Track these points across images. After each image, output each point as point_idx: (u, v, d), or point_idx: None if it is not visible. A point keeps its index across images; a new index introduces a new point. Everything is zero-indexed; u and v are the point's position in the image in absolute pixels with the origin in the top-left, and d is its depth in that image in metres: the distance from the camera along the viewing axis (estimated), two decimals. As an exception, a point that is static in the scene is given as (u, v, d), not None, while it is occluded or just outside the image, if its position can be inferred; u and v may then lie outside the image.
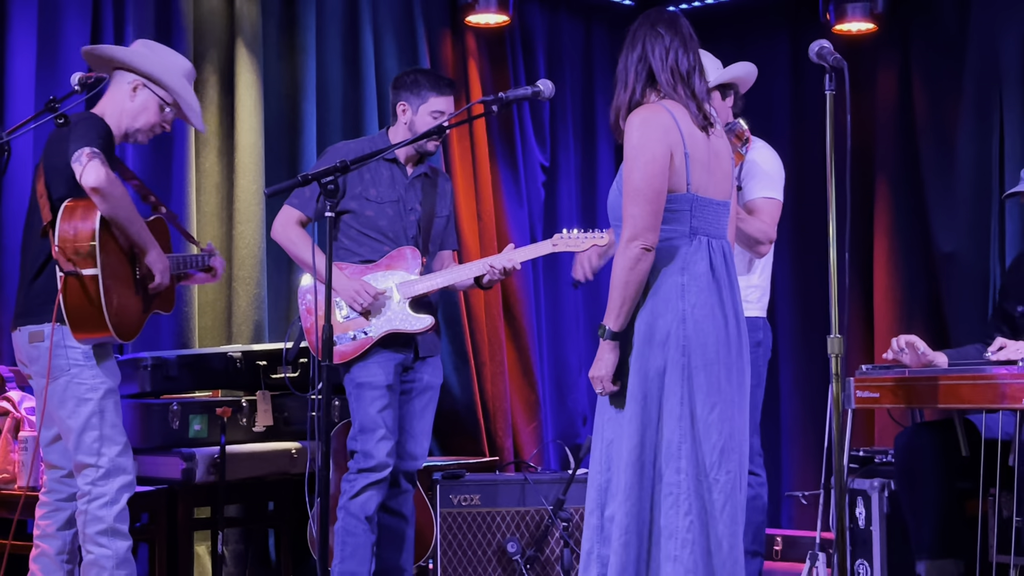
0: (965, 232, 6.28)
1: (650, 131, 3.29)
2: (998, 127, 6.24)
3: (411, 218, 4.43)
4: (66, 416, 3.89)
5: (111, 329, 3.81)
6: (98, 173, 3.73)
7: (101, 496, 3.89)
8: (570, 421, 6.91)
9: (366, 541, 4.28)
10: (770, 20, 6.95)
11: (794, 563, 5.87)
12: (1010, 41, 6.20)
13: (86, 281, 3.78)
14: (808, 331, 6.74)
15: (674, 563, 3.22)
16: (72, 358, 3.87)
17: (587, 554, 3.38)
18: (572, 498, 5.09)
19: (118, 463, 3.91)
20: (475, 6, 6.28)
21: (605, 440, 3.38)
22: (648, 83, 3.39)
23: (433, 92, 4.38)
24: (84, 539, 3.91)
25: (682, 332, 3.28)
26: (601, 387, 3.32)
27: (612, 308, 3.29)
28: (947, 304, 6.33)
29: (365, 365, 4.32)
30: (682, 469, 3.24)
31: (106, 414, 3.90)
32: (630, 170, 3.30)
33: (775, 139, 6.77)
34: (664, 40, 3.38)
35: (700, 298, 3.31)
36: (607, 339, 3.30)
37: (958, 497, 4.16)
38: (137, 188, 4.29)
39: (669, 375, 3.27)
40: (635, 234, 3.26)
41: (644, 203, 3.26)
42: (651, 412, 3.27)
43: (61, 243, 3.78)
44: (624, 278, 3.27)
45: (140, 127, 4.04)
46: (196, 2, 5.59)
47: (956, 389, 3.79)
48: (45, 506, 4.04)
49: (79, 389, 3.87)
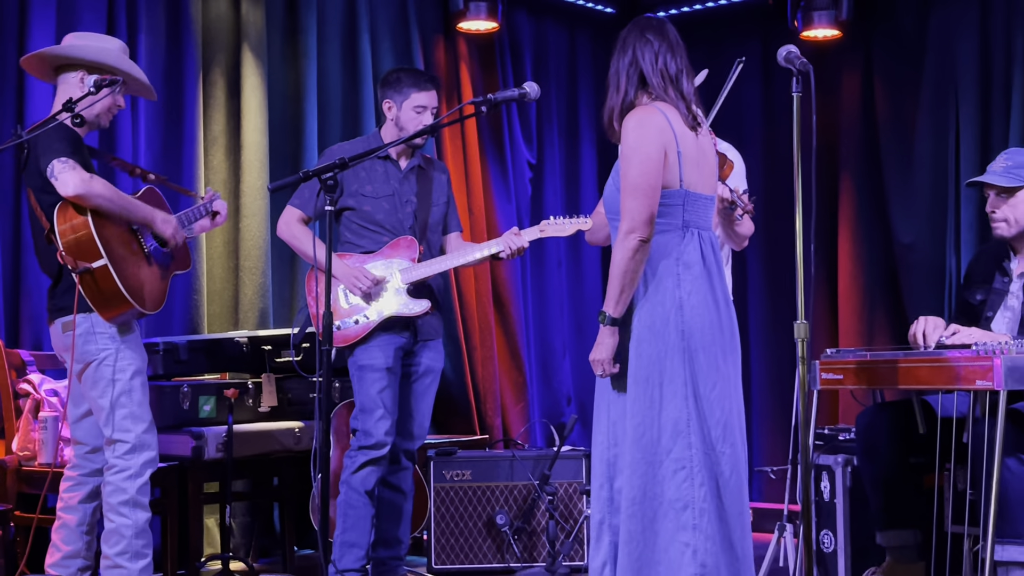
0: (923, 224, 6.29)
1: (645, 131, 3.32)
2: (954, 126, 6.24)
3: (407, 210, 4.42)
4: (97, 396, 3.92)
5: (135, 304, 3.84)
6: (73, 180, 3.75)
7: (126, 469, 3.91)
8: (555, 401, 6.91)
9: (366, 513, 4.28)
10: (742, 27, 6.94)
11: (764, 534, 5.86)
12: (965, 47, 6.20)
13: (98, 273, 3.78)
14: (777, 317, 6.75)
15: (693, 531, 3.26)
16: (102, 343, 3.91)
17: (599, 524, 3.41)
18: (557, 473, 5.09)
19: (144, 439, 3.94)
20: (466, 13, 6.27)
21: (610, 419, 3.40)
22: (640, 86, 3.42)
23: (414, 88, 4.37)
24: (107, 508, 3.92)
25: (680, 318, 3.31)
26: (602, 369, 3.35)
27: (611, 296, 3.31)
28: (906, 291, 6.34)
29: (367, 348, 4.31)
30: (692, 444, 3.28)
31: (134, 393, 3.94)
32: (627, 167, 3.33)
33: (747, 137, 6.83)
34: (653, 45, 3.41)
35: (694, 286, 3.34)
36: (607, 324, 3.33)
37: (916, 472, 4.17)
38: (120, 165, 4.30)
39: (670, 359, 3.30)
40: (633, 227, 3.28)
41: (641, 198, 3.29)
42: (653, 394, 3.30)
43: (64, 246, 3.79)
44: (623, 268, 3.29)
45: (99, 112, 4.03)
46: (204, 9, 5.57)
47: (914, 371, 3.79)
48: (70, 480, 4.07)
49: (109, 371, 3.91)
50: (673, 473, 3.28)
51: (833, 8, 6.25)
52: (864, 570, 4.28)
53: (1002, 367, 3.55)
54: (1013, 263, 4.17)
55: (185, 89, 5.43)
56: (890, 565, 4.14)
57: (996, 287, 4.18)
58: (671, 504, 3.28)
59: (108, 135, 5.12)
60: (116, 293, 3.82)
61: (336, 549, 4.28)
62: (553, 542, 4.95)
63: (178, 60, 5.44)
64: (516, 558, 5.07)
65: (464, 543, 5.08)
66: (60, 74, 4.02)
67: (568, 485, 5.12)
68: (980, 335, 3.93)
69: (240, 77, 5.64)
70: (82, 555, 4.03)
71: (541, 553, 5.06)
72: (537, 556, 5.07)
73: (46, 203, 3.86)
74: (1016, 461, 3.79)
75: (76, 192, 3.76)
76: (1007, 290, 4.16)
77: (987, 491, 3.66)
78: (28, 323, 4.91)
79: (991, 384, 3.57)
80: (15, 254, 4.92)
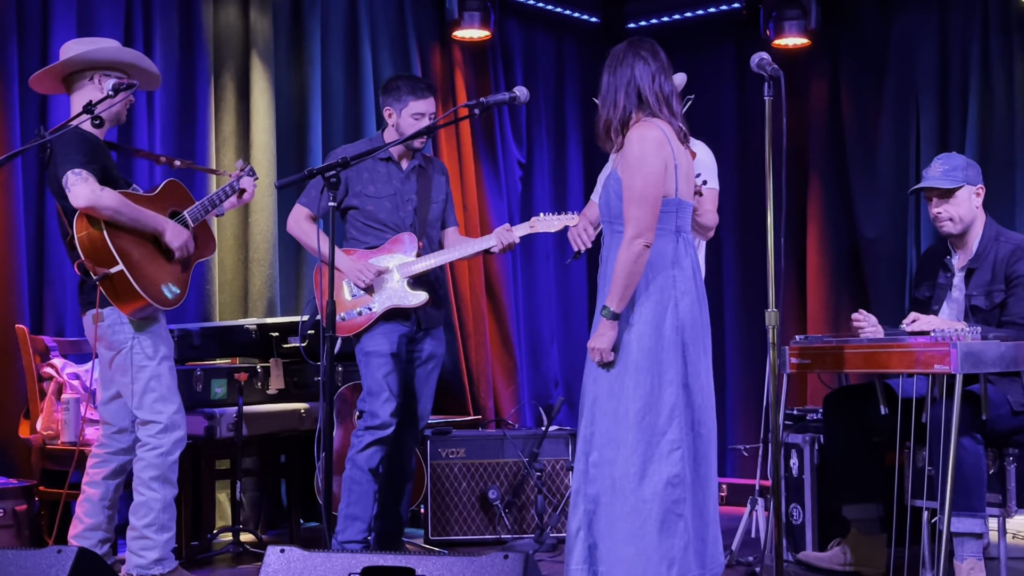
0: (886, 220, 6.32)
1: (649, 146, 3.40)
2: (915, 129, 6.27)
3: (408, 208, 4.42)
4: (128, 381, 3.93)
5: (155, 304, 3.84)
6: (84, 192, 3.73)
7: (158, 447, 3.93)
8: (543, 384, 6.93)
9: (369, 489, 4.28)
10: (718, 36, 6.95)
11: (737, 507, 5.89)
12: (925, 54, 6.23)
13: (115, 278, 3.79)
14: (749, 306, 6.76)
15: (685, 503, 3.39)
16: (130, 332, 3.93)
17: (575, 493, 3.52)
18: (545, 451, 5.11)
19: (175, 420, 3.96)
20: (461, 22, 6.27)
21: (589, 399, 3.51)
22: (637, 103, 3.48)
23: (412, 96, 4.36)
24: (139, 482, 3.94)
25: (676, 315, 3.42)
26: (600, 356, 3.43)
27: (616, 293, 3.40)
28: (870, 282, 6.37)
29: (372, 336, 4.32)
30: (682, 427, 3.40)
31: (162, 377, 3.95)
32: (632, 178, 3.40)
33: (722, 139, 6.84)
34: (651, 66, 3.49)
35: (687, 286, 3.46)
36: (609, 318, 3.41)
37: (878, 449, 4.20)
38: (145, 156, 4.29)
39: (667, 351, 3.41)
40: (638, 233, 3.38)
41: (646, 207, 3.38)
42: (652, 381, 3.40)
43: (83, 253, 3.78)
44: (628, 270, 3.38)
45: (119, 110, 4.03)
46: (215, 18, 5.56)
47: (877, 356, 3.82)
48: (96, 457, 4.07)
49: (137, 358, 3.92)
50: (668, 453, 3.38)
51: (802, 18, 6.26)
52: (830, 541, 4.31)
53: (958, 353, 3.58)
54: (954, 259, 4.20)
55: (197, 92, 5.43)
56: (854, 536, 4.17)
57: (940, 282, 4.22)
58: (667, 480, 3.37)
59: (126, 136, 5.11)
60: (134, 294, 3.81)
61: (340, 522, 4.28)
62: (541, 515, 4.97)
63: (191, 65, 5.43)
64: (507, 530, 5.09)
65: (459, 516, 5.10)
66: (72, 83, 3.99)
67: (555, 462, 5.14)
68: (939, 323, 3.96)
69: (249, 81, 5.64)
70: (103, 528, 4.04)
71: (530, 525, 5.08)
72: (526, 528, 5.09)
73: (68, 210, 3.85)
74: (971, 439, 3.82)
75: (87, 204, 3.74)
76: (950, 284, 4.19)
77: (944, 467, 3.69)
78: (51, 311, 4.91)
79: (948, 368, 3.61)
80: (39, 247, 4.92)
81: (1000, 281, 4.02)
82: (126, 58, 4.03)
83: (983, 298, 4.04)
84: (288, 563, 2.85)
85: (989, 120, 6.01)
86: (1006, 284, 4.01)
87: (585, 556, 3.45)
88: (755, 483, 4.66)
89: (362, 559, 2.81)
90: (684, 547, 3.37)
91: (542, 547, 4.86)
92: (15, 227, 4.75)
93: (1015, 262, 4.00)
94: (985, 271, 4.06)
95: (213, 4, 5.54)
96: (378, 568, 2.79)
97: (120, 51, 4.05)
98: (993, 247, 4.07)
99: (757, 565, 4.29)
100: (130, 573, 3.94)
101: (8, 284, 4.73)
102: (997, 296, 4.02)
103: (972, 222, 4.12)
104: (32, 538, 4.40)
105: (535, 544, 4.89)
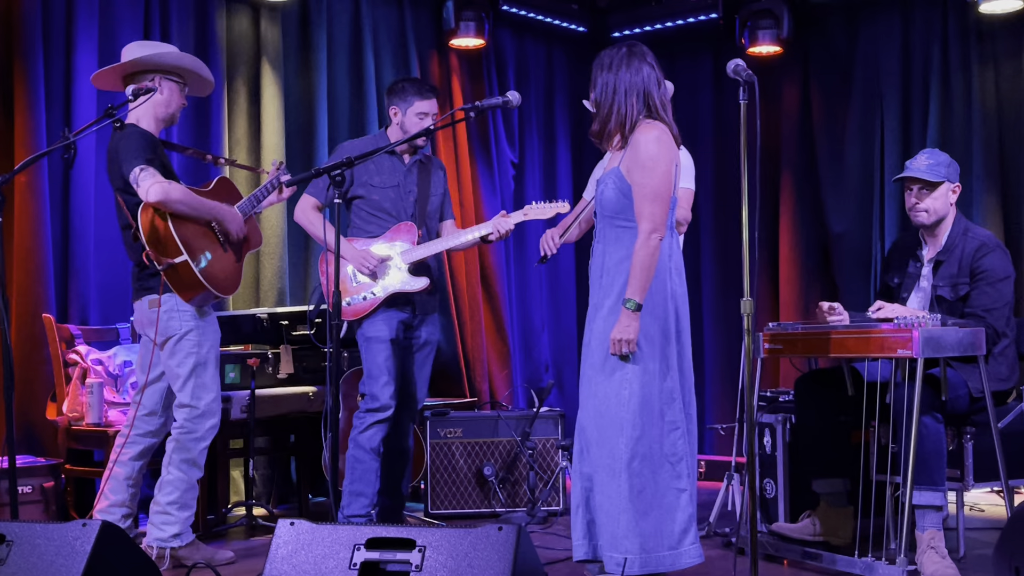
0: (852, 215, 6.32)
1: (662, 147, 3.41)
2: (880, 130, 6.27)
3: (409, 199, 4.41)
4: (175, 365, 3.91)
5: (216, 292, 3.84)
6: (155, 188, 3.73)
7: (193, 432, 3.92)
8: (535, 369, 6.93)
9: (371, 467, 4.28)
10: (697, 44, 6.94)
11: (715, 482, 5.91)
12: (889, 62, 6.23)
13: (180, 268, 3.77)
14: (726, 295, 6.77)
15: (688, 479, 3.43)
16: (183, 320, 3.92)
17: (575, 472, 3.55)
18: (536, 431, 5.11)
19: (211, 407, 3.95)
20: (457, 31, 6.26)
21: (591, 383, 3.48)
22: (646, 107, 3.46)
23: (417, 96, 4.35)
24: (169, 461, 3.93)
25: (672, 305, 3.45)
26: (627, 347, 3.38)
27: (637, 285, 3.37)
28: (837, 273, 6.37)
29: (373, 322, 4.30)
30: (679, 408, 3.44)
31: (208, 366, 3.94)
32: (647, 177, 3.39)
33: (700, 140, 6.84)
34: (656, 72, 3.50)
35: (679, 278, 3.49)
36: (633, 310, 3.37)
37: (845, 428, 4.20)
38: (193, 155, 4.28)
39: (666, 339, 3.43)
40: (654, 227, 3.39)
41: (661, 204, 3.39)
42: (654, 367, 3.41)
43: (149, 243, 3.77)
44: (648, 263, 3.37)
45: (174, 111, 4.02)
46: (229, 28, 5.54)
47: (844, 342, 3.82)
48: (126, 437, 4.05)
49: (187, 345, 3.91)
50: (669, 432, 3.41)
51: (775, 27, 6.27)
52: (801, 513, 4.31)
53: (920, 338, 3.59)
54: (924, 250, 4.19)
55: (212, 98, 5.40)
56: (823, 509, 4.18)
57: (910, 271, 4.21)
58: (667, 458, 3.40)
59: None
60: (196, 282, 3.81)
61: (345, 497, 4.28)
62: (533, 490, 4.97)
63: (206, 72, 5.41)
64: (501, 504, 5.09)
65: (456, 491, 5.10)
66: (130, 82, 3.98)
67: (546, 441, 5.14)
68: (902, 311, 3.96)
69: (260, 86, 5.62)
70: (126, 504, 4.03)
71: (522, 499, 5.08)
72: (519, 502, 5.09)
73: (131, 203, 3.83)
74: (931, 419, 3.82)
75: (157, 199, 3.73)
76: (919, 273, 4.19)
77: (906, 445, 3.69)
78: (76, 301, 4.90)
79: (910, 353, 3.61)
80: (64, 242, 4.90)
81: (966, 275, 4.01)
82: (186, 64, 4.03)
83: (949, 289, 4.03)
84: (297, 535, 2.85)
85: (948, 120, 6.01)
86: (971, 278, 4.01)
87: (585, 531, 3.46)
88: (731, 460, 4.66)
89: (366, 531, 2.81)
90: (688, 520, 3.40)
91: (533, 520, 4.86)
92: (42, 224, 4.73)
93: (980, 257, 4.00)
94: (952, 264, 4.05)
95: (226, 15, 5.53)
96: (381, 539, 2.79)
97: (181, 57, 4.04)
98: (961, 241, 4.06)
99: (733, 535, 4.30)
100: (150, 545, 3.94)
101: (35, 276, 4.71)
102: (962, 288, 4.01)
103: (944, 216, 4.11)
104: (59, 512, 4.39)
105: (527, 517, 4.90)
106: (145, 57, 3.96)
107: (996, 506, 5.08)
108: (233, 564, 4.06)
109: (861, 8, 6.33)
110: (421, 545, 2.74)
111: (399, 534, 2.77)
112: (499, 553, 2.67)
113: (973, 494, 5.20)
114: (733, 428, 5.09)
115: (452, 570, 2.68)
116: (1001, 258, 4.02)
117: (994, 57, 5.93)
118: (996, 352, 4.00)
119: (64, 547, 2.83)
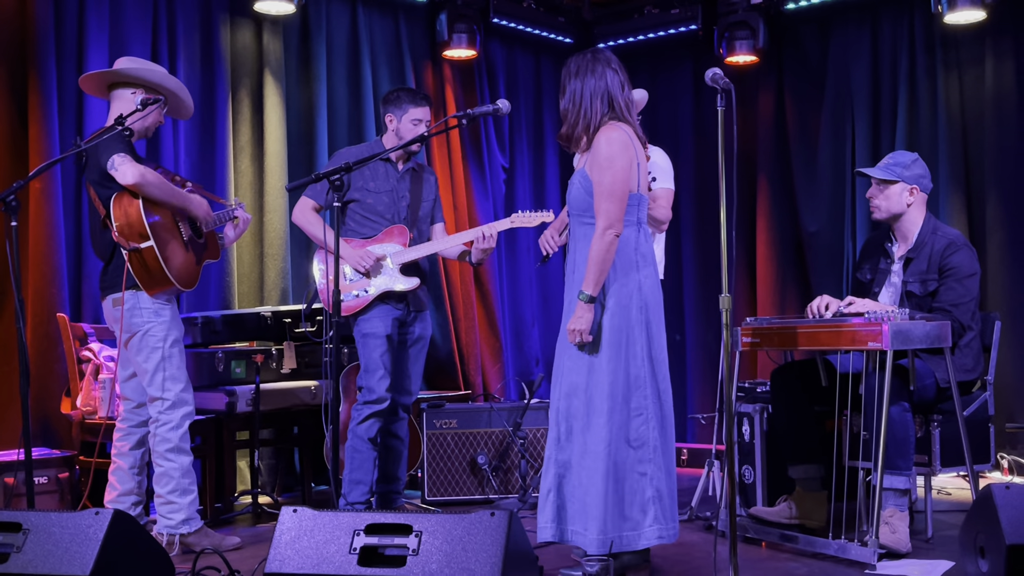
0: (825, 216, 6.33)
1: (617, 147, 3.38)
2: (850, 135, 6.28)
3: (402, 203, 4.41)
4: (142, 361, 3.90)
5: (175, 282, 3.82)
6: (132, 171, 3.73)
7: (168, 422, 3.90)
8: (526, 362, 6.93)
9: (369, 456, 4.28)
10: (677, 53, 6.94)
11: (696, 469, 5.92)
12: (859, 70, 6.24)
13: (145, 253, 3.76)
14: (706, 292, 6.78)
15: (650, 463, 3.39)
16: (146, 317, 3.89)
17: (547, 459, 3.51)
18: (528, 421, 5.11)
19: (182, 397, 3.92)
20: (450, 43, 6.26)
21: (563, 374, 3.48)
22: (609, 109, 3.45)
23: (411, 104, 4.35)
24: (156, 455, 3.91)
25: (639, 296, 3.42)
26: (580, 337, 3.39)
27: (591, 279, 3.37)
28: (811, 270, 6.38)
29: (368, 319, 4.30)
30: (648, 395, 3.41)
31: (172, 359, 3.92)
32: (603, 176, 3.38)
33: (681, 144, 6.84)
34: (619, 76, 3.48)
35: (648, 271, 3.46)
36: (586, 302, 3.37)
37: (819, 417, 4.21)
38: (162, 173, 4.27)
39: (633, 328, 3.40)
40: (609, 224, 3.36)
41: (616, 201, 3.37)
42: (621, 355, 3.39)
43: (119, 229, 3.76)
44: (602, 257, 3.36)
45: (149, 125, 4.01)
46: (232, 41, 5.53)
47: (818, 335, 3.82)
48: (121, 430, 4.05)
49: (151, 340, 3.89)
50: (633, 418, 3.38)
51: (751, 38, 6.27)
52: (778, 497, 4.32)
53: (889, 332, 3.59)
54: (895, 247, 4.20)
55: (217, 106, 5.40)
56: (799, 493, 4.19)
57: (881, 267, 4.22)
58: (631, 442, 3.38)
59: (153, 144, 5.09)
60: (159, 271, 3.79)
61: (345, 485, 4.28)
62: (524, 478, 4.97)
63: (211, 82, 5.40)
64: (494, 491, 5.09)
65: (451, 479, 5.09)
66: (113, 91, 3.99)
67: (536, 431, 5.14)
68: (872, 305, 3.97)
69: (263, 96, 5.61)
70: (134, 492, 4.03)
71: (514, 486, 5.08)
72: (511, 489, 5.09)
73: (104, 196, 3.82)
74: (899, 408, 3.83)
75: (134, 181, 3.72)
76: (890, 269, 4.20)
77: (876, 433, 3.70)
78: (89, 301, 4.89)
79: (880, 345, 3.62)
80: (77, 244, 4.89)
81: (934, 271, 4.03)
82: (170, 85, 4.02)
83: (918, 285, 4.04)
84: (300, 521, 2.85)
85: (915, 124, 6.03)
86: (939, 274, 4.02)
87: (554, 515, 3.45)
88: (712, 448, 4.67)
89: (365, 517, 2.81)
90: (647, 502, 3.38)
91: (525, 506, 4.86)
92: (56, 227, 4.72)
93: (949, 255, 4.01)
94: (921, 261, 4.06)
95: (231, 28, 5.52)
96: (379, 525, 2.79)
97: (166, 77, 4.03)
98: (930, 240, 4.07)
99: (714, 519, 4.30)
100: (160, 533, 3.93)
101: (50, 278, 4.70)
102: (931, 284, 4.02)
103: (901, 215, 4.12)
104: (73, 502, 4.39)
105: (518, 503, 4.90)
106: (132, 70, 3.96)
107: (962, 490, 5.10)
108: (240, 550, 4.06)
109: (833, 19, 6.35)
110: (418, 530, 2.74)
111: (397, 520, 2.77)
112: (492, 537, 2.67)
113: (940, 478, 5.21)
114: (713, 418, 5.10)
115: (447, 554, 2.68)
116: (968, 256, 4.03)
117: (958, 64, 5.94)
118: (962, 344, 4.01)
119: (78, 535, 2.83)
